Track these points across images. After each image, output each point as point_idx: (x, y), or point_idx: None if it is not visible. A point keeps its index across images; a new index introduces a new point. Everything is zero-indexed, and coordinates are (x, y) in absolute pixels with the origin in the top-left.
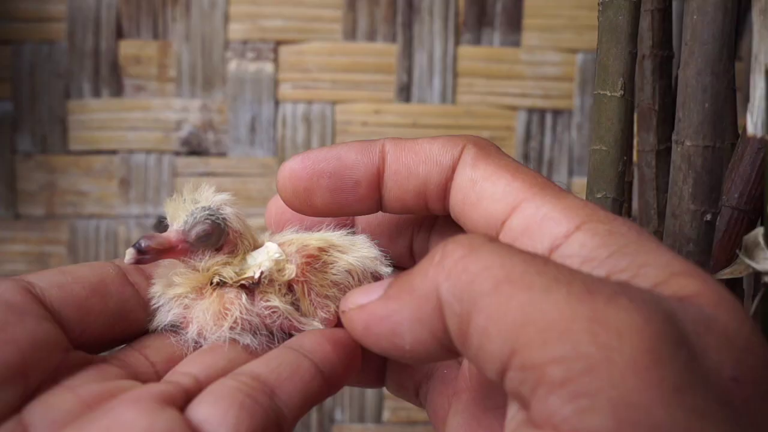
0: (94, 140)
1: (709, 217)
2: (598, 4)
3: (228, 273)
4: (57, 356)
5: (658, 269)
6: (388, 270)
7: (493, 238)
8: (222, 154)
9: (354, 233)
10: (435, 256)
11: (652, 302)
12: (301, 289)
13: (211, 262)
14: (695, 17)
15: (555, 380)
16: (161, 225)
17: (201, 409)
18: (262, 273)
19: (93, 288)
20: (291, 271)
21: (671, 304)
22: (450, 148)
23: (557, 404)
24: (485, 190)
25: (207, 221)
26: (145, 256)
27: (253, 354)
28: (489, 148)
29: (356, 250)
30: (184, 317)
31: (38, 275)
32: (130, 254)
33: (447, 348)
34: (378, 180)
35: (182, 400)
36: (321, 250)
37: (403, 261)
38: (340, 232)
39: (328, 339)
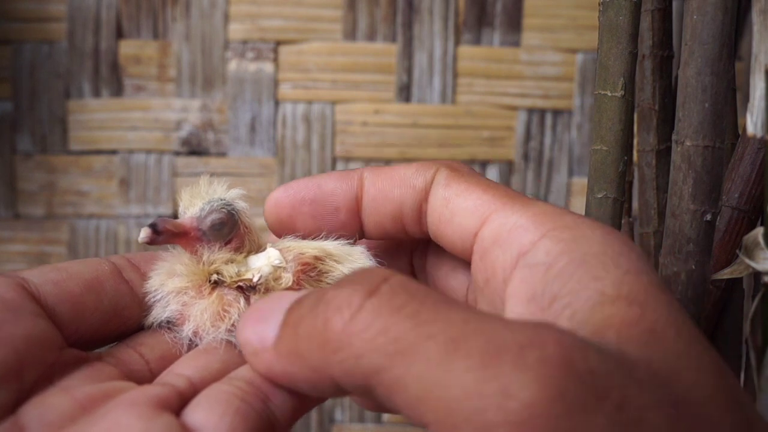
0: (94, 140)
1: (709, 217)
2: (599, 4)
3: (229, 271)
4: (52, 355)
5: (596, 293)
6: None
7: (372, 289)
8: (222, 154)
9: (353, 243)
10: (319, 315)
11: (566, 351)
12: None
13: (215, 256)
14: (695, 17)
15: None
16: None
17: (196, 414)
18: (260, 277)
19: (88, 285)
20: (287, 280)
21: (591, 352)
22: (423, 171)
23: None
24: (458, 206)
25: (223, 210)
26: (159, 236)
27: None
28: (461, 170)
29: (352, 260)
30: (181, 314)
31: (33, 272)
32: (145, 232)
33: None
34: (357, 206)
35: (177, 404)
36: (317, 258)
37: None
38: (338, 242)
39: None
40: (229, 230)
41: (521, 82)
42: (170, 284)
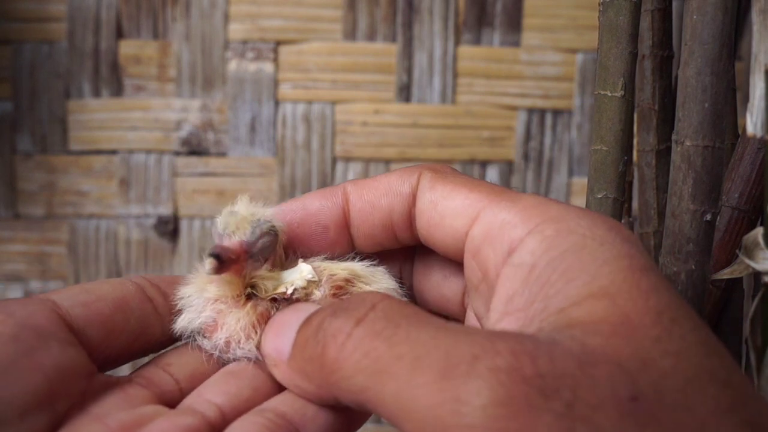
0: (94, 140)
1: (709, 217)
2: (599, 5)
3: (265, 285)
4: (83, 382)
5: (577, 288)
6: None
7: (360, 317)
8: (222, 154)
9: (376, 264)
10: (319, 342)
11: (516, 358)
12: None
13: (255, 273)
14: (695, 17)
15: None
16: (167, 225)
17: None
18: (294, 290)
19: (115, 305)
20: (317, 297)
21: (542, 356)
22: (407, 177)
23: None
24: (446, 208)
25: (272, 233)
26: (224, 266)
27: (276, 383)
28: (444, 171)
29: (377, 281)
30: (214, 321)
31: (62, 293)
32: (211, 264)
33: None
34: (345, 221)
35: None
36: (347, 281)
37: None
38: (364, 262)
39: None
40: (272, 250)
41: (521, 82)
42: (208, 291)
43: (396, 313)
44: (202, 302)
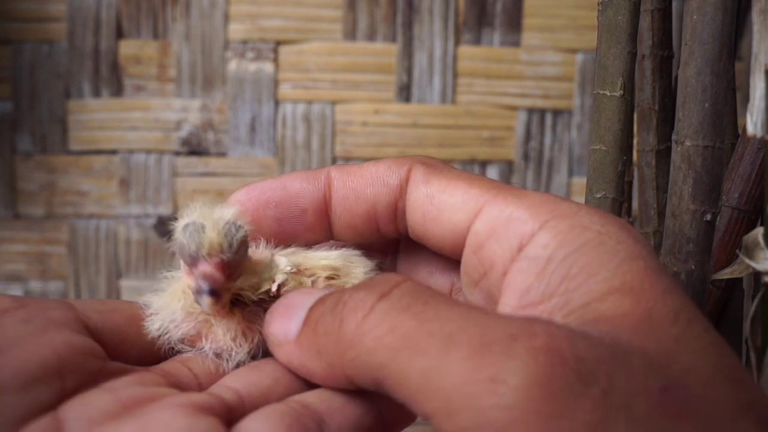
0: (94, 140)
1: (709, 217)
2: (598, 4)
3: (246, 294)
4: (95, 363)
5: (598, 285)
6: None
7: (384, 293)
8: (222, 154)
9: (347, 248)
10: (336, 315)
11: (554, 341)
12: None
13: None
14: (695, 17)
15: None
16: (167, 225)
17: (249, 425)
18: (278, 287)
19: (130, 318)
20: (307, 283)
21: (579, 341)
22: (396, 168)
23: None
24: (444, 203)
25: (246, 238)
26: (220, 298)
27: (297, 375)
28: (437, 164)
29: (355, 267)
30: (197, 332)
31: (79, 302)
32: (209, 304)
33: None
34: (325, 207)
35: (224, 414)
36: (330, 279)
37: None
38: (339, 252)
39: None
40: (246, 253)
41: (521, 82)
42: (192, 307)
43: (422, 291)
44: (182, 314)
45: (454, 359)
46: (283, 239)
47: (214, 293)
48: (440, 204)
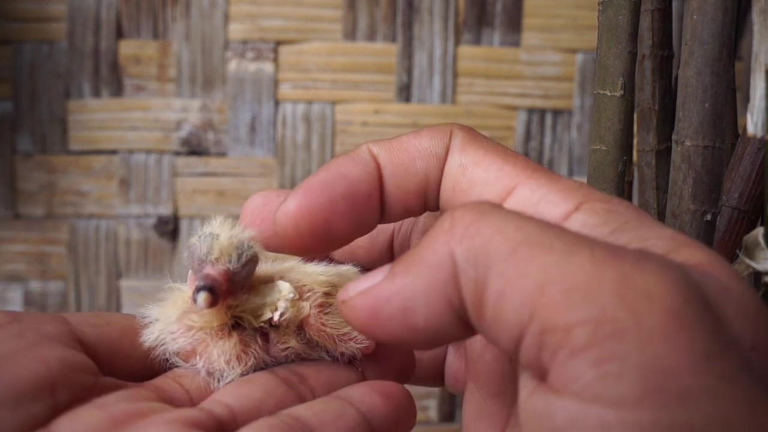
0: (94, 140)
1: (709, 217)
2: (598, 4)
3: (247, 318)
4: (87, 379)
5: (663, 241)
6: None
7: (501, 205)
8: (222, 154)
9: (332, 262)
10: (444, 223)
11: (675, 267)
12: (322, 333)
13: (236, 302)
14: (695, 17)
15: (579, 344)
16: (167, 225)
17: None
18: (281, 315)
19: (124, 331)
20: (305, 308)
21: (690, 270)
22: (439, 137)
23: (580, 369)
24: (476, 176)
25: (255, 259)
26: (218, 299)
27: (289, 387)
28: (474, 133)
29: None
30: (193, 348)
31: (73, 315)
32: (205, 299)
33: (463, 322)
34: (381, 188)
35: (215, 429)
36: (328, 295)
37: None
38: (336, 268)
39: (378, 391)
40: (251, 277)
41: (521, 82)
42: (191, 319)
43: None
44: (180, 328)
45: (582, 260)
46: (353, 235)
47: (212, 290)
48: (472, 177)
